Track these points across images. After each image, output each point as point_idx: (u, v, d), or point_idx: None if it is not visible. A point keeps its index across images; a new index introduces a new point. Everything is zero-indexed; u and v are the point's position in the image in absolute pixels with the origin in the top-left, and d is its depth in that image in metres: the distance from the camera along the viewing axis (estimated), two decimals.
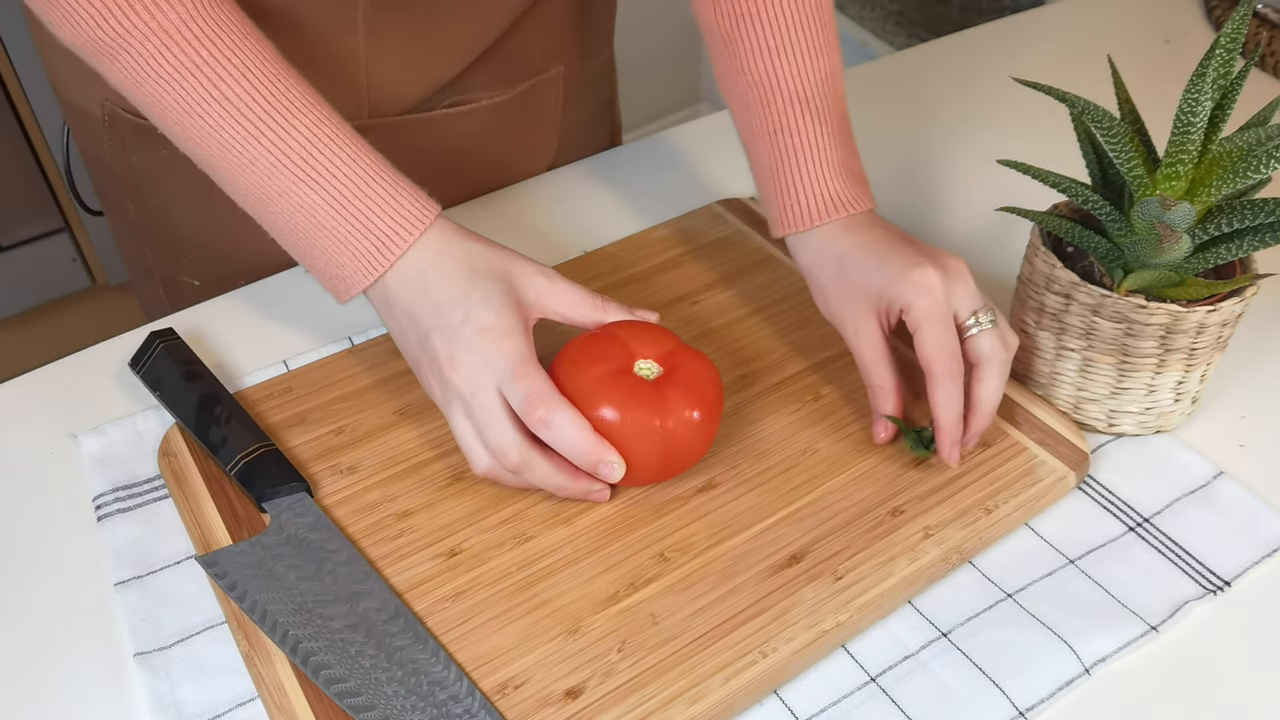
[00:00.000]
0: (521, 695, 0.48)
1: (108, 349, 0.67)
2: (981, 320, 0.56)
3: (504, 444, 0.52)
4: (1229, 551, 0.55)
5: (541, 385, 0.52)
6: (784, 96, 0.61)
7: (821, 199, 0.60)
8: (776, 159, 0.61)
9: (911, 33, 1.90)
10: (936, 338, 0.55)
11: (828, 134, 0.61)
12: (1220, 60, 0.53)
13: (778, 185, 0.61)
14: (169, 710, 0.49)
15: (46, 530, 0.57)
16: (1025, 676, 0.49)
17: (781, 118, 0.61)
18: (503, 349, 0.53)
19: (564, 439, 0.52)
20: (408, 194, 0.56)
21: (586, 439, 0.52)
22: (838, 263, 0.59)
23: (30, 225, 1.65)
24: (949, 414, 0.55)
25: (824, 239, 0.60)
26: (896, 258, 0.57)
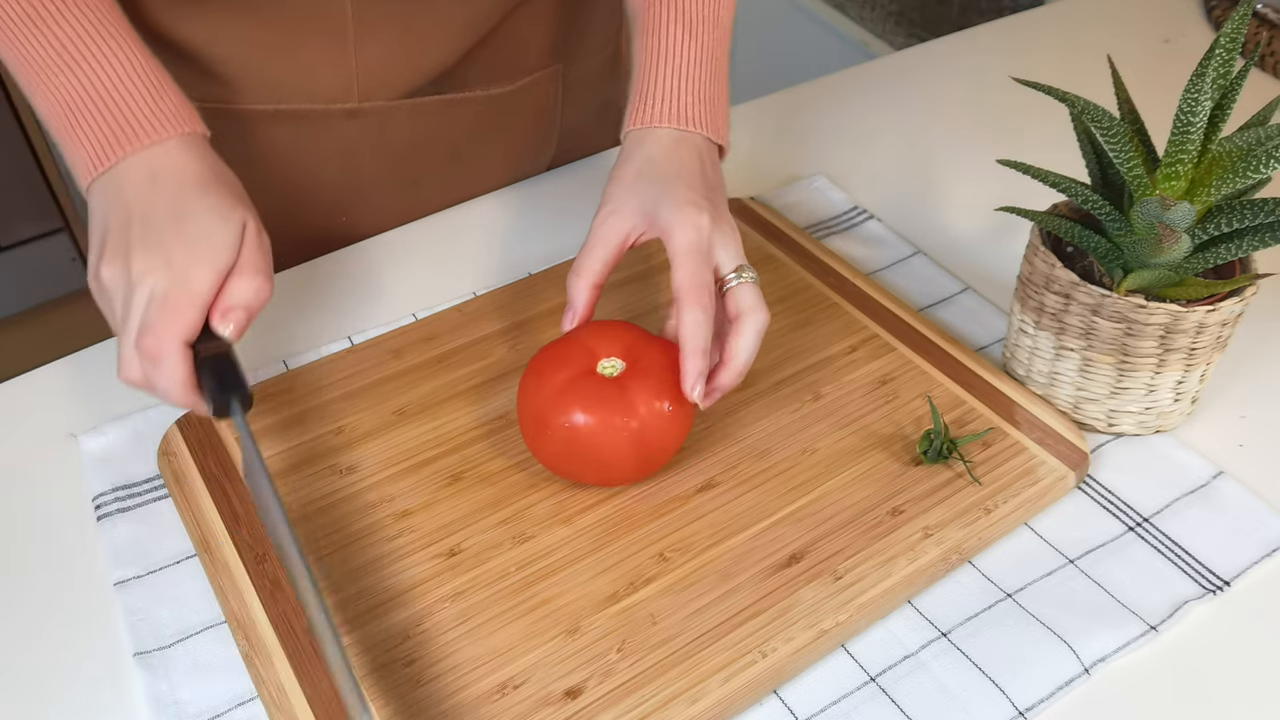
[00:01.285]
0: (521, 695, 0.48)
1: (108, 349, 0.67)
2: (744, 275, 0.56)
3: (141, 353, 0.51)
4: (1228, 551, 0.55)
5: (173, 323, 0.50)
6: (667, 5, 0.62)
7: (668, 105, 0.60)
8: (644, 58, 0.62)
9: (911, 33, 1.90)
10: (691, 269, 0.55)
11: (695, 51, 0.61)
12: (1220, 60, 0.53)
13: (638, 83, 0.62)
14: (169, 710, 0.49)
15: (46, 530, 0.57)
16: (1025, 676, 0.49)
17: (658, 22, 0.62)
18: (189, 275, 0.50)
19: (164, 381, 0.50)
20: (172, 100, 0.54)
21: (184, 394, 0.51)
22: (643, 163, 0.59)
23: (30, 225, 1.65)
24: (695, 342, 0.53)
25: (650, 141, 0.60)
26: (683, 189, 0.57)
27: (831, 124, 0.88)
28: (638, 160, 0.59)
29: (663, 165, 0.59)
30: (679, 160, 0.59)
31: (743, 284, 0.56)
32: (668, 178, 0.58)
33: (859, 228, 0.77)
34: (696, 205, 0.56)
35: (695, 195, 0.57)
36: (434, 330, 0.66)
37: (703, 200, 0.57)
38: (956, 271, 0.73)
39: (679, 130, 0.60)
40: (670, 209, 0.56)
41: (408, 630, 0.50)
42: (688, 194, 0.57)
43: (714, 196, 0.58)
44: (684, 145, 0.60)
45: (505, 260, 0.74)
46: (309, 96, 0.70)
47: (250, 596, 0.52)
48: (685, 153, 0.59)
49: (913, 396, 0.61)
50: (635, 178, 0.59)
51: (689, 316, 0.53)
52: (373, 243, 0.75)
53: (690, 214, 0.56)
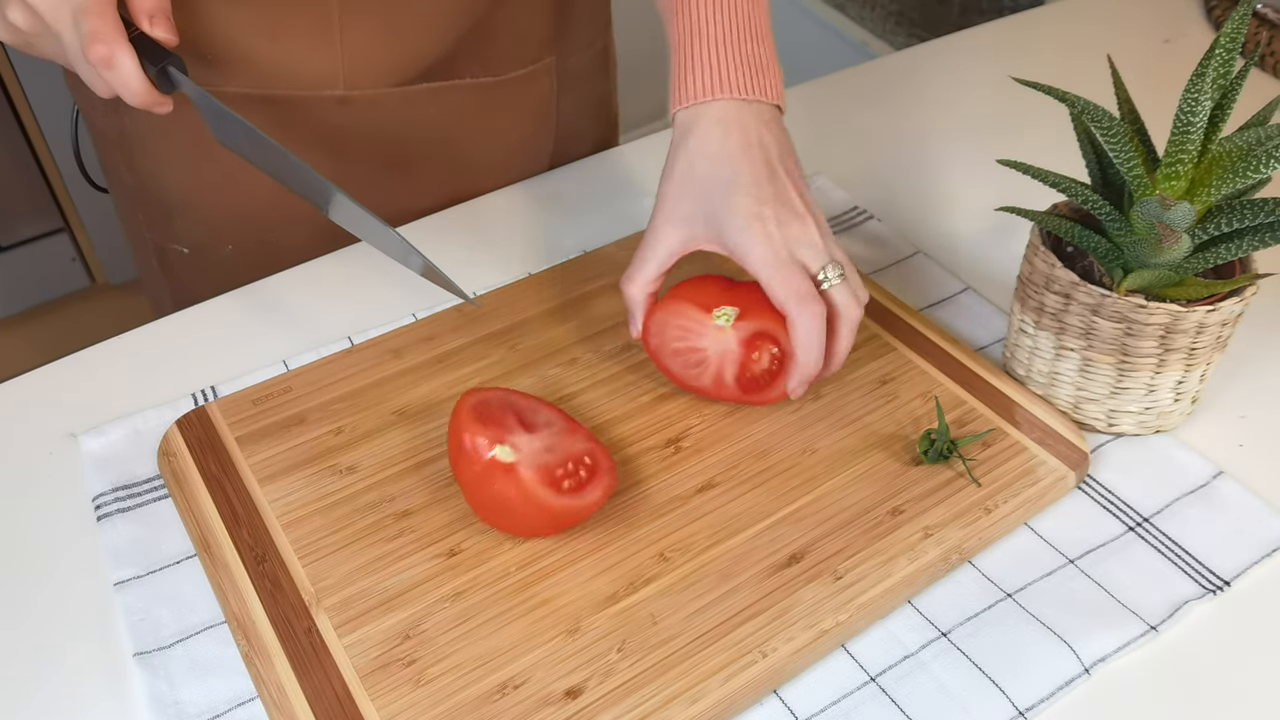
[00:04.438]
0: (521, 695, 0.48)
1: (108, 349, 0.67)
2: (829, 275, 0.56)
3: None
4: (1228, 551, 0.55)
5: (109, 27, 0.54)
6: None
7: (708, 78, 0.58)
8: (676, 37, 0.60)
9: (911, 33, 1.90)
10: (782, 281, 0.55)
11: (728, 18, 0.59)
12: (1220, 60, 0.53)
13: (674, 62, 0.60)
14: (169, 710, 0.49)
15: (46, 530, 0.57)
16: (1025, 676, 0.49)
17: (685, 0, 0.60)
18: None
19: (121, 80, 0.56)
20: None
21: (141, 85, 0.56)
22: (694, 157, 0.57)
23: (30, 225, 1.65)
24: (810, 353, 0.55)
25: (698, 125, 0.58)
26: (741, 197, 0.56)
27: (831, 124, 0.88)
28: (688, 153, 0.58)
29: (715, 161, 0.57)
30: (730, 151, 0.57)
31: (833, 288, 0.56)
32: (722, 181, 0.56)
33: (859, 228, 0.77)
34: (760, 216, 0.55)
35: (755, 202, 0.56)
36: (434, 330, 0.66)
37: (765, 204, 0.56)
38: (956, 271, 0.73)
39: (726, 101, 0.58)
40: (735, 229, 0.55)
41: (408, 630, 0.50)
42: (747, 203, 0.56)
43: (775, 185, 0.57)
44: (734, 125, 0.57)
45: (506, 260, 0.74)
46: (295, 83, 0.70)
47: (250, 596, 0.52)
48: (736, 136, 0.57)
49: (913, 396, 0.61)
50: (687, 176, 0.58)
51: (800, 326, 0.55)
52: None
53: (757, 229, 0.55)
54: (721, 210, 0.56)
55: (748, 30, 0.59)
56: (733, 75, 0.58)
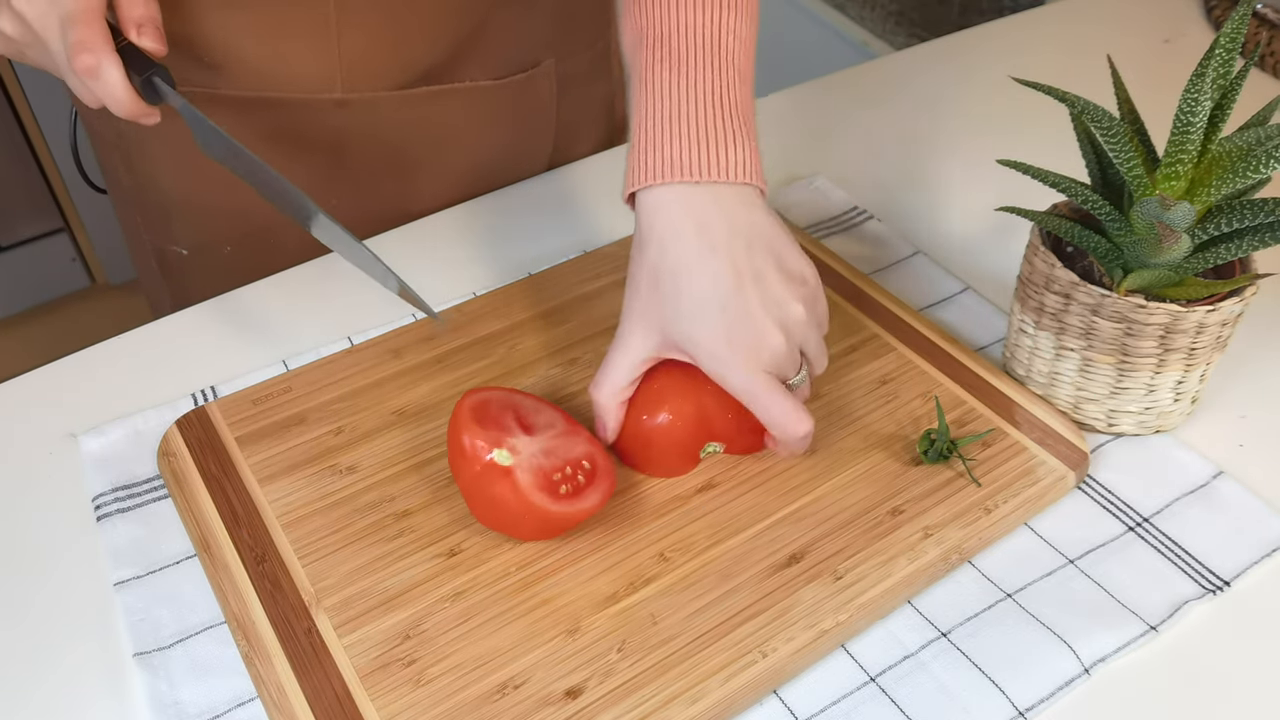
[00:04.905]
0: (521, 695, 0.48)
1: (108, 349, 0.67)
2: (794, 381, 0.55)
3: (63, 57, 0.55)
4: (1228, 551, 0.55)
5: (95, 36, 0.54)
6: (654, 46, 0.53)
7: (664, 157, 0.51)
8: (636, 110, 0.53)
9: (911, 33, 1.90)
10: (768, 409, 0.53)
11: (688, 90, 0.52)
12: (1220, 60, 0.53)
13: (632, 137, 0.53)
14: (169, 710, 0.49)
15: (46, 530, 0.57)
16: (1025, 676, 0.49)
17: (647, 67, 0.53)
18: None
19: (107, 90, 0.55)
20: None
21: (127, 95, 0.55)
22: (656, 259, 0.52)
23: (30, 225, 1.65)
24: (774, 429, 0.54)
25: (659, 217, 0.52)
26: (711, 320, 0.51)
27: (831, 124, 0.88)
28: (650, 260, 0.52)
29: (678, 273, 0.51)
30: (694, 259, 0.51)
31: (797, 389, 0.55)
32: (687, 296, 0.51)
33: (859, 228, 0.77)
34: (729, 340, 0.51)
35: (723, 326, 0.51)
36: (434, 330, 0.66)
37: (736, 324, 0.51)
38: (956, 271, 0.73)
39: (689, 186, 0.51)
40: (706, 356, 0.52)
41: (408, 630, 0.50)
42: (715, 328, 0.51)
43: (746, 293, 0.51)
44: (695, 222, 0.51)
45: (505, 260, 0.74)
46: (292, 85, 0.70)
47: (250, 597, 0.52)
48: (702, 238, 0.51)
49: (913, 396, 0.61)
50: (652, 287, 0.52)
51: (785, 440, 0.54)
52: (372, 242, 0.75)
53: (726, 356, 0.51)
54: (690, 331, 0.52)
55: (714, 102, 0.52)
56: (692, 156, 0.51)
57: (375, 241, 0.75)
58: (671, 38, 0.53)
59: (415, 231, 0.76)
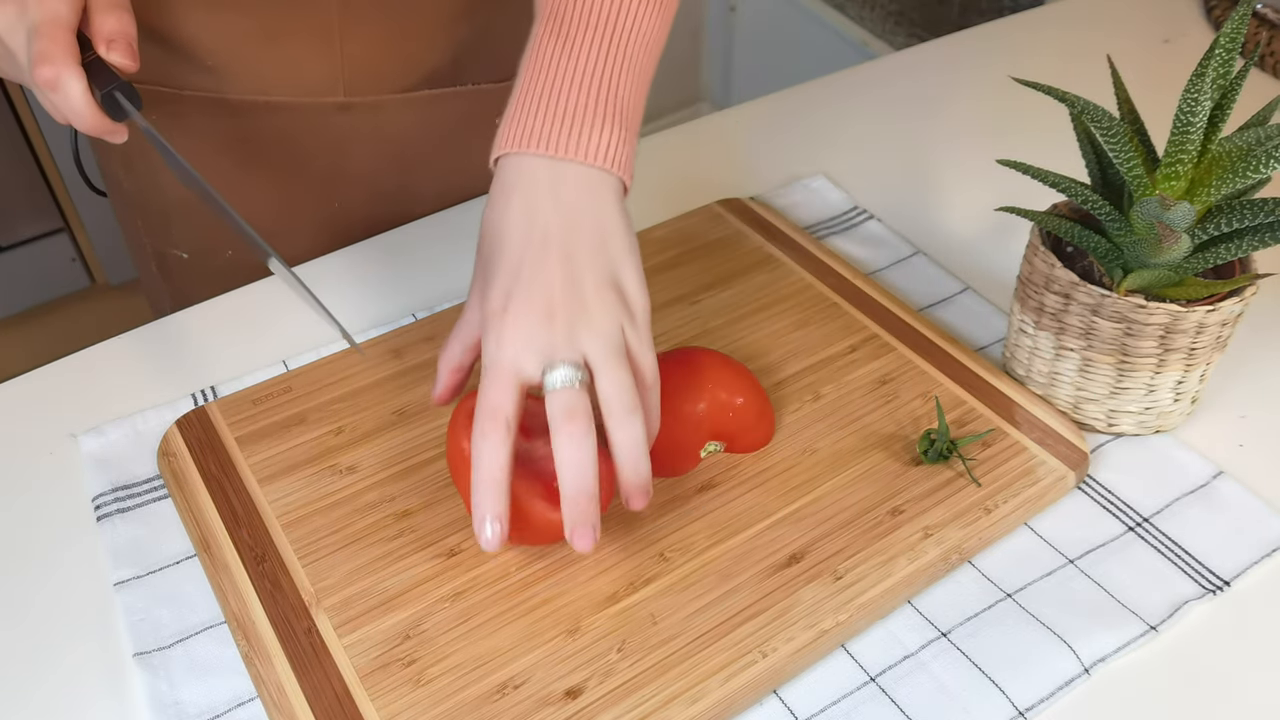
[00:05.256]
0: (521, 695, 0.48)
1: (108, 349, 0.67)
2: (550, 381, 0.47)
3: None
4: (1228, 551, 0.55)
5: (58, 49, 0.52)
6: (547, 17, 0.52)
7: (518, 127, 0.50)
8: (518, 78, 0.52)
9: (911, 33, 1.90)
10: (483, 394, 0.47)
11: (569, 63, 0.50)
12: (1220, 60, 0.53)
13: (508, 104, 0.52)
14: (169, 710, 0.49)
15: (46, 530, 0.57)
16: (1025, 676, 0.49)
17: (534, 36, 0.53)
18: (44, 7, 0.53)
19: (67, 104, 0.53)
20: None
21: (89, 110, 0.53)
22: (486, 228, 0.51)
23: (30, 225, 1.65)
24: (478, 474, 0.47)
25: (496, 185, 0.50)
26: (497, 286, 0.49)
27: (831, 124, 0.88)
28: (486, 217, 0.51)
29: (494, 235, 0.50)
30: (506, 229, 0.49)
31: (550, 394, 0.47)
32: (492, 265, 0.50)
33: (859, 228, 0.77)
34: (497, 312, 0.48)
35: (501, 295, 0.48)
36: (434, 330, 0.66)
37: (512, 298, 0.48)
38: (956, 271, 0.73)
39: (535, 157, 0.49)
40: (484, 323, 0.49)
41: (408, 630, 0.50)
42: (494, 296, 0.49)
43: (537, 273, 0.48)
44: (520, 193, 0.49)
45: None
46: (296, 89, 0.70)
47: (250, 596, 0.52)
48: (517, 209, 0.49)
49: (913, 396, 0.61)
50: (480, 258, 0.52)
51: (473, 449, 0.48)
52: (372, 242, 0.75)
53: (490, 328, 0.48)
54: (482, 291, 0.50)
55: (594, 80, 0.50)
56: (549, 129, 0.49)
57: (374, 242, 0.75)
58: (568, 14, 0.52)
59: (414, 233, 0.76)
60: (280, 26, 0.67)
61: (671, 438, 0.56)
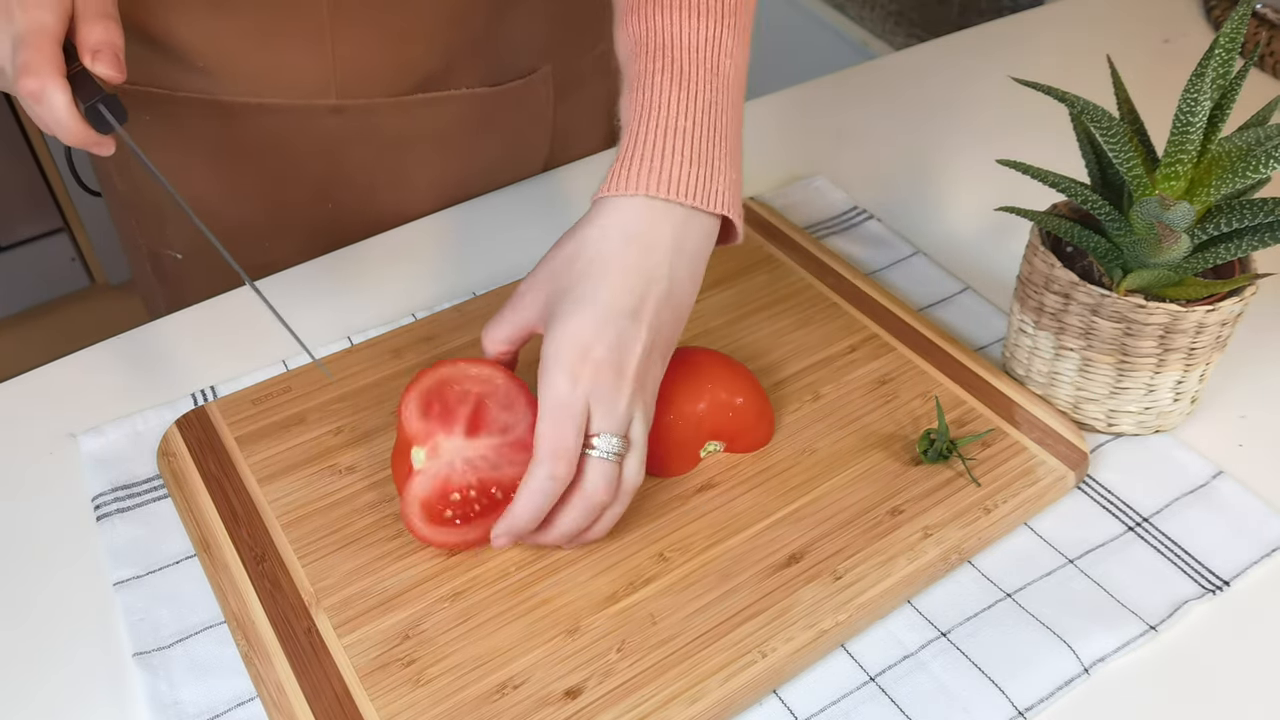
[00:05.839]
0: (521, 695, 0.48)
1: (107, 349, 0.67)
2: (603, 447, 0.49)
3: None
4: (1228, 551, 0.55)
5: (42, 60, 0.51)
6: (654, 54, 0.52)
7: (649, 168, 0.50)
8: (629, 115, 0.52)
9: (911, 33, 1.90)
10: (554, 427, 0.48)
11: (687, 103, 0.51)
12: (1219, 60, 0.53)
13: (621, 144, 0.52)
14: (168, 710, 0.49)
15: (46, 530, 0.57)
16: (1025, 676, 0.49)
17: (645, 73, 0.52)
18: (30, 17, 0.52)
19: (51, 115, 0.51)
20: None
21: (73, 122, 0.52)
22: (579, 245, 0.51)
23: (30, 225, 1.65)
24: (525, 508, 0.49)
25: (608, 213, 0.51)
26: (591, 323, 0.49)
27: (831, 124, 0.88)
28: (582, 238, 0.51)
29: (596, 263, 0.50)
30: (615, 264, 0.50)
31: (593, 459, 0.49)
32: (581, 290, 0.50)
33: (859, 228, 0.77)
34: (584, 352, 0.49)
35: (592, 334, 0.49)
36: (434, 330, 0.66)
37: (600, 343, 0.49)
38: (956, 271, 0.73)
39: (658, 201, 0.50)
40: (557, 343, 0.49)
41: (407, 630, 0.50)
42: (584, 328, 0.49)
43: (626, 330, 0.49)
44: (639, 237, 0.50)
45: (505, 260, 0.74)
46: (288, 91, 0.70)
47: (250, 596, 0.52)
48: (634, 252, 0.50)
49: (913, 396, 0.61)
50: (566, 262, 0.51)
51: (530, 481, 0.49)
52: (372, 242, 0.75)
53: (568, 360, 0.49)
54: (560, 316, 0.50)
55: (709, 123, 0.51)
56: (678, 172, 0.50)
57: (371, 244, 0.75)
58: (673, 49, 0.52)
59: (413, 233, 0.76)
60: (272, 29, 0.67)
61: (671, 438, 0.56)
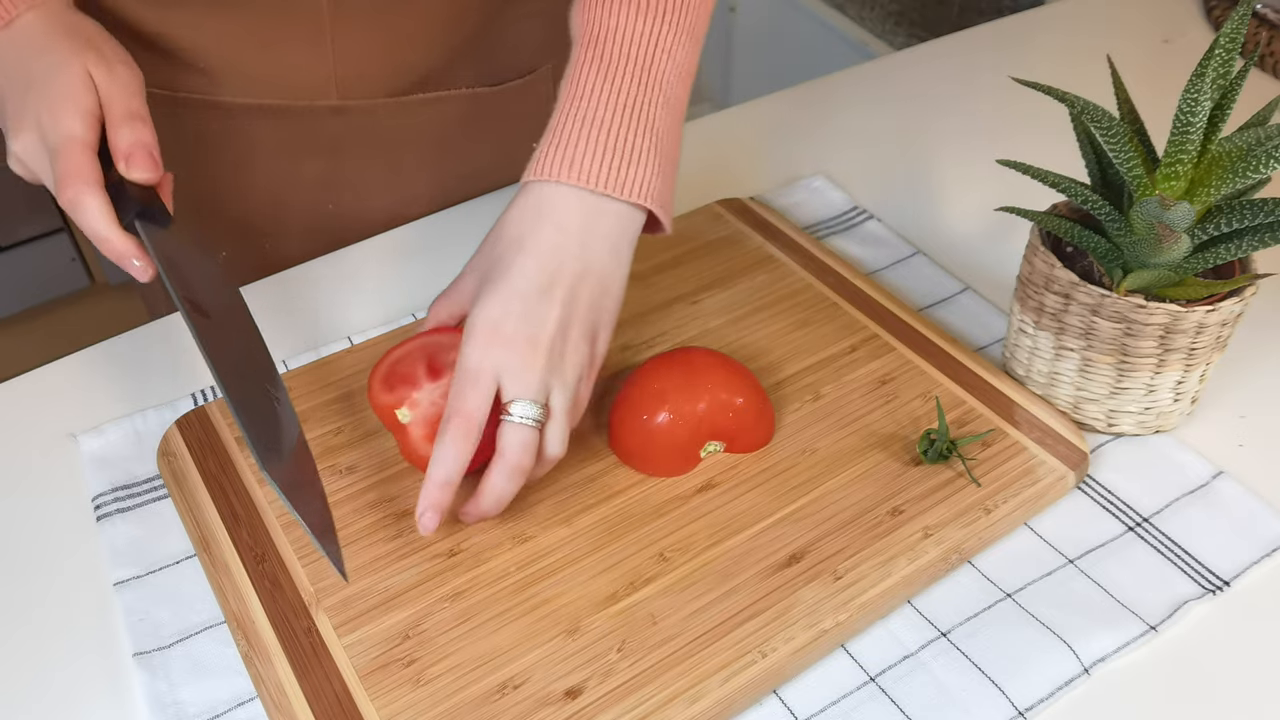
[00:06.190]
0: (521, 695, 0.48)
1: (107, 349, 0.67)
2: (518, 413, 0.51)
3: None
4: (1228, 551, 0.55)
5: (76, 168, 0.51)
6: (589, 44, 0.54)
7: (567, 157, 0.52)
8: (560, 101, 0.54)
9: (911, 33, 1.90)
10: (458, 394, 0.50)
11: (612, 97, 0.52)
12: (1220, 60, 0.53)
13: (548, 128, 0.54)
14: (168, 710, 0.49)
15: (46, 530, 0.57)
16: (1025, 676, 0.49)
17: (576, 62, 0.54)
18: (59, 128, 0.52)
19: (88, 226, 0.52)
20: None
21: (110, 231, 0.52)
22: (503, 227, 0.53)
23: (30, 225, 1.65)
24: (436, 472, 0.50)
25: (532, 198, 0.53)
26: (501, 299, 0.51)
27: (831, 124, 0.88)
28: (505, 223, 0.53)
29: (513, 246, 0.52)
30: (528, 246, 0.52)
31: (508, 424, 0.51)
32: (499, 270, 0.52)
33: (859, 228, 0.77)
34: (495, 323, 0.51)
35: (501, 308, 0.51)
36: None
37: (510, 317, 0.51)
38: (956, 271, 0.73)
39: (572, 188, 0.52)
40: (472, 318, 0.51)
41: (407, 630, 0.50)
42: (494, 304, 0.51)
43: (539, 305, 0.51)
44: (551, 219, 0.52)
45: None
46: (288, 92, 0.70)
47: (250, 596, 0.52)
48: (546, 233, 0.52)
49: (913, 396, 0.61)
50: (490, 246, 0.54)
51: (437, 447, 0.50)
52: (372, 243, 0.75)
53: (481, 333, 0.51)
54: (480, 296, 0.52)
55: (633, 114, 0.52)
56: (591, 163, 0.52)
57: (371, 244, 0.75)
58: (607, 41, 0.53)
59: (412, 233, 0.76)
60: (272, 30, 0.67)
61: (671, 438, 0.56)
